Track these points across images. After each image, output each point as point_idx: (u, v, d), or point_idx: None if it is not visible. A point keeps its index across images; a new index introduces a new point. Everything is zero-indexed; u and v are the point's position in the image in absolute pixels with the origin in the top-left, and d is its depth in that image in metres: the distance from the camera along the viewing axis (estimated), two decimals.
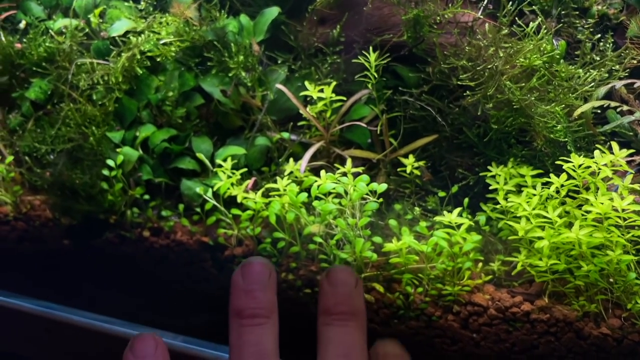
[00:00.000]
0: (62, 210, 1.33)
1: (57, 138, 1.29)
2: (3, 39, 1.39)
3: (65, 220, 1.33)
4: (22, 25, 1.45)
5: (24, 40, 1.39)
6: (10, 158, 1.38)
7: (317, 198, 1.14)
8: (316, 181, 1.15)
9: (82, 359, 1.35)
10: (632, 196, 0.96)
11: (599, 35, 1.10)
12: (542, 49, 1.02)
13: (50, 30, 1.39)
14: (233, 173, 1.21)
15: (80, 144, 1.27)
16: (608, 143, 1.05)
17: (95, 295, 1.38)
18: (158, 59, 1.27)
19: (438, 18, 1.11)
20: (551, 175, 1.02)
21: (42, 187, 1.34)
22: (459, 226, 1.07)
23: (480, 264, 1.10)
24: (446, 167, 1.19)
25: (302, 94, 1.25)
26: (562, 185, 1.02)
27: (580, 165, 1.00)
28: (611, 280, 0.99)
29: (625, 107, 1.00)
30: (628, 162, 1.06)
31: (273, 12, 1.31)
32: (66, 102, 1.29)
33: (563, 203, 1.03)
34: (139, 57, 1.26)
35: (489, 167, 1.12)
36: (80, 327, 1.35)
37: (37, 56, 1.35)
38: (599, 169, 0.99)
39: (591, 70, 1.04)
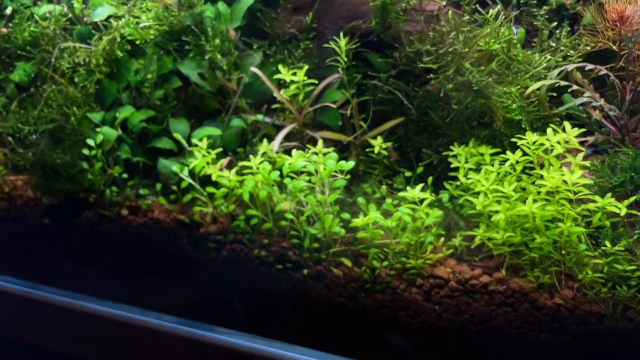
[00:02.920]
0: (43, 189, 1.37)
1: (39, 119, 1.34)
2: None
3: (47, 200, 1.38)
4: (8, 11, 1.50)
5: (10, 25, 1.44)
6: None
7: (289, 176, 1.20)
8: (288, 160, 1.20)
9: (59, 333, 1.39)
10: (581, 171, 1.02)
11: (556, 24, 1.17)
12: (500, 34, 1.08)
13: (35, 16, 1.44)
14: (208, 152, 1.26)
15: (62, 125, 1.32)
16: (563, 124, 1.11)
17: (74, 272, 1.42)
18: (137, 42, 1.32)
19: (404, 5, 1.17)
20: (507, 152, 1.08)
21: (25, 167, 1.39)
22: (421, 202, 1.13)
23: (442, 239, 1.16)
24: (412, 149, 1.25)
25: (275, 77, 1.31)
26: (517, 162, 1.07)
27: (534, 143, 1.06)
28: (563, 252, 1.05)
29: (578, 89, 1.06)
30: (582, 143, 1.12)
31: (249, 0, 1.36)
32: (49, 84, 1.34)
33: (519, 179, 1.09)
34: (119, 40, 1.31)
35: (451, 147, 1.18)
36: (60, 305, 1.39)
37: (21, 40, 1.40)
38: (552, 146, 1.05)
39: (547, 55, 1.10)
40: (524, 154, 1.08)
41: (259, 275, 1.25)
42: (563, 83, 1.03)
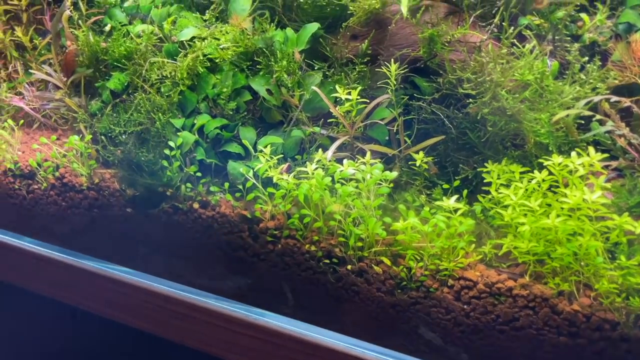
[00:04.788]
0: (128, 182, 1.54)
1: (129, 122, 1.53)
2: (91, 38, 1.66)
3: (130, 191, 1.54)
4: (107, 28, 1.69)
5: (108, 40, 1.63)
6: (88, 137, 1.63)
7: (339, 182, 1.34)
8: (339, 168, 1.35)
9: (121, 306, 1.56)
10: (601, 191, 1.13)
11: (587, 58, 1.28)
12: (534, 66, 1.21)
13: (130, 33, 1.63)
14: (271, 158, 1.42)
15: (148, 128, 1.50)
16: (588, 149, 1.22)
17: (149, 256, 1.60)
18: (217, 61, 1.49)
19: (449, 37, 1.31)
20: (535, 171, 1.20)
21: (113, 162, 1.57)
22: (456, 211, 1.26)
23: (473, 246, 1.28)
24: (451, 164, 1.37)
25: (332, 95, 1.44)
26: (543, 180, 1.20)
27: (560, 164, 1.18)
28: (582, 263, 1.15)
29: (605, 119, 1.17)
30: (606, 167, 1.23)
31: (313, 27, 1.51)
32: (139, 92, 1.53)
33: (544, 196, 1.21)
34: (201, 58, 1.48)
35: (485, 164, 1.31)
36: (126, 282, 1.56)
37: (118, 54, 1.58)
38: (576, 168, 1.17)
39: (576, 87, 1.22)
40: (550, 173, 1.20)
41: (308, 268, 1.39)
42: (587, 113, 1.15)
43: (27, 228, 1.75)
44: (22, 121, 1.80)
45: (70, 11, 1.72)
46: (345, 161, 1.35)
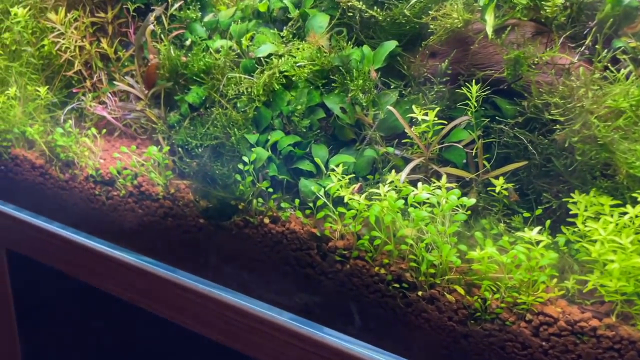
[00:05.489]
0: (202, 194, 1.58)
1: (205, 135, 1.57)
2: (172, 52, 1.72)
3: (203, 203, 1.57)
4: (187, 42, 1.76)
5: (189, 54, 1.69)
6: (166, 148, 1.69)
7: (412, 205, 1.31)
8: (413, 191, 1.32)
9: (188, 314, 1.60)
10: None
11: None
12: (629, 93, 1.13)
13: (209, 48, 1.68)
14: (343, 177, 1.41)
15: (223, 142, 1.53)
16: None
17: (218, 266, 1.64)
18: (293, 78, 1.50)
19: (537, 60, 1.25)
20: (627, 205, 1.13)
21: (189, 173, 1.62)
22: (538, 243, 1.20)
23: (555, 280, 1.22)
24: (533, 191, 1.31)
25: (408, 115, 1.42)
26: (636, 216, 1.12)
27: None
28: None
29: None
30: None
31: (391, 45, 1.49)
32: (216, 107, 1.56)
33: (637, 232, 1.13)
34: (277, 75, 1.50)
35: (572, 195, 1.24)
36: (199, 292, 1.60)
37: (197, 68, 1.62)
38: None
39: None
40: None
41: (377, 290, 1.37)
42: None
43: (105, 232, 1.83)
44: (104, 130, 1.88)
45: (154, 25, 1.78)
46: (419, 184, 1.32)
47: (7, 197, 2.05)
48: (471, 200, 1.25)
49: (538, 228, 1.20)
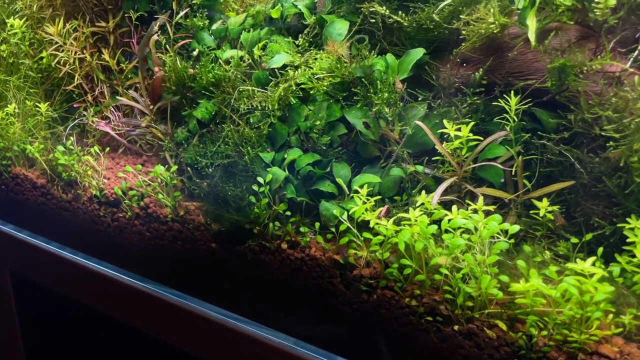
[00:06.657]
0: (213, 216, 1.48)
1: (216, 154, 1.46)
2: (179, 64, 1.60)
3: (215, 226, 1.48)
4: (195, 52, 1.64)
5: (196, 66, 1.57)
6: (174, 167, 1.58)
7: (446, 231, 1.19)
8: (446, 214, 1.20)
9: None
10: None
11: None
12: None
13: (219, 59, 1.56)
14: (368, 199, 1.29)
15: (236, 161, 1.42)
16: None
17: (232, 295, 1.53)
18: (310, 91, 1.38)
19: (585, 68, 1.12)
20: None
21: (199, 195, 1.51)
22: (591, 275, 1.07)
23: (610, 315, 1.09)
24: (581, 214, 1.18)
25: (439, 131, 1.30)
26: None
27: None
28: None
29: None
30: None
31: (418, 52, 1.37)
32: (227, 123, 1.45)
33: None
34: (293, 88, 1.38)
35: (627, 219, 1.11)
36: (215, 321, 1.50)
37: (206, 81, 1.51)
38: None
39: None
40: None
41: (407, 324, 1.26)
42: None
43: (111, 256, 1.73)
44: (108, 148, 1.77)
45: (158, 35, 1.67)
46: (454, 207, 1.20)
47: (9, 217, 1.96)
48: (515, 227, 1.12)
49: (592, 259, 1.07)
